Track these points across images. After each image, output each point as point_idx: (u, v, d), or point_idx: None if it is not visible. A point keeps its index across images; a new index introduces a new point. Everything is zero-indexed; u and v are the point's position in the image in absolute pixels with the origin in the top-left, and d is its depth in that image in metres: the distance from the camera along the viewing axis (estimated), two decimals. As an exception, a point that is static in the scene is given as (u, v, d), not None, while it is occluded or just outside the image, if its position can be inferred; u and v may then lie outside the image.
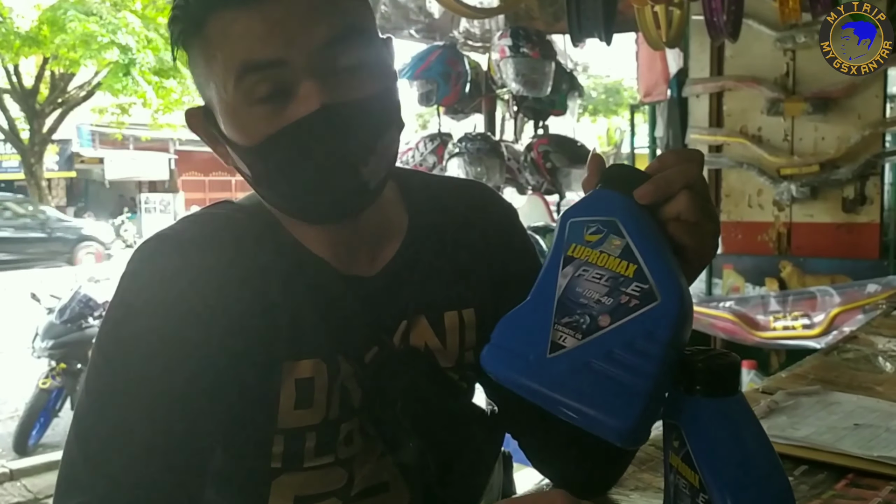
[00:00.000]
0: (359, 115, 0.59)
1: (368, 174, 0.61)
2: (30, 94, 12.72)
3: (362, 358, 0.68)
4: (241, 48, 0.57)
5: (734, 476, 0.45)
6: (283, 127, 0.58)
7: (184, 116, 0.67)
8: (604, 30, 2.63)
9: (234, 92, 0.58)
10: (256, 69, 0.57)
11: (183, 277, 0.62)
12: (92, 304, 3.93)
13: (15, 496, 3.50)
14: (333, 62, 0.59)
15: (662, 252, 0.48)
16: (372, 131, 0.61)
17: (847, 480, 0.78)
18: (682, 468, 0.48)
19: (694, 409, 0.47)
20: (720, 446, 0.46)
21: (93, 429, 0.60)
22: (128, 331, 0.61)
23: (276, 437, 0.66)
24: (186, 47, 0.62)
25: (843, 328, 2.36)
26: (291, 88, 0.58)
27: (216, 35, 0.58)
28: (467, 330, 0.73)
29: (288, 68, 0.57)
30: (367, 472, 0.70)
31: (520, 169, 2.94)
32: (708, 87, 3.06)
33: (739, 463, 0.46)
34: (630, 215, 0.49)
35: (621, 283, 0.46)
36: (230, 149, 0.63)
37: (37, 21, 10.56)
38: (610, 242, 0.48)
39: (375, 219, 0.69)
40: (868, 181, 2.78)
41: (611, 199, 0.50)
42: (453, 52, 2.88)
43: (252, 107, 0.58)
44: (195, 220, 0.68)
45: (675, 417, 0.48)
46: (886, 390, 1.09)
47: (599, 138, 19.13)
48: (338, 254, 0.69)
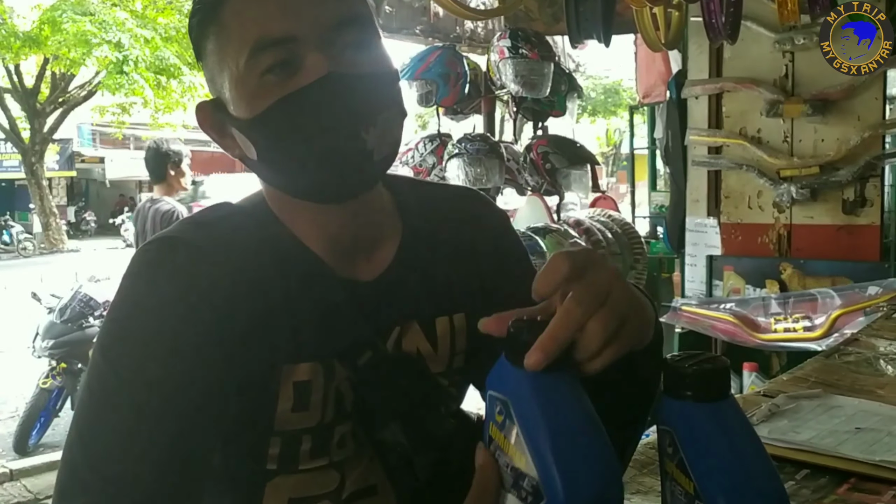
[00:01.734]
0: (362, 85, 0.62)
1: (372, 142, 0.63)
2: (31, 93, 12.74)
3: (356, 362, 0.68)
4: (255, 26, 0.61)
5: (729, 483, 0.45)
6: (291, 92, 0.61)
7: (194, 111, 0.69)
8: (602, 31, 2.63)
9: (245, 67, 0.62)
10: (269, 45, 0.61)
11: (185, 280, 0.62)
12: (92, 303, 3.93)
13: (15, 496, 3.50)
14: (340, 40, 0.62)
15: (557, 439, 0.42)
16: (375, 103, 0.63)
17: (849, 485, 0.78)
18: (677, 474, 0.47)
19: (685, 415, 0.47)
20: (713, 452, 0.46)
21: (93, 429, 0.60)
22: (129, 331, 0.62)
23: (273, 439, 0.67)
24: (203, 39, 0.65)
25: (845, 330, 2.36)
26: (300, 61, 0.61)
27: (231, 18, 0.62)
28: (458, 335, 0.74)
29: (298, 44, 0.61)
30: (358, 475, 0.71)
31: (519, 170, 2.94)
32: (707, 89, 3.06)
33: (733, 469, 0.45)
34: (520, 394, 0.44)
35: (519, 477, 0.44)
36: (237, 129, 0.65)
37: (37, 21, 10.57)
38: (509, 427, 0.45)
39: (372, 222, 0.71)
40: (868, 183, 2.78)
41: (505, 372, 0.46)
42: (453, 53, 2.88)
43: (262, 77, 0.61)
44: (196, 222, 0.69)
45: (668, 423, 0.48)
46: (888, 394, 1.08)
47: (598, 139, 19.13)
48: (336, 256, 0.69)
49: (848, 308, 2.48)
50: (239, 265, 0.64)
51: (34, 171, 13.24)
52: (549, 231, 2.66)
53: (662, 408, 0.49)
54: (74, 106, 13.18)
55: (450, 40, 3.14)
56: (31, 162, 13.12)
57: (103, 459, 0.58)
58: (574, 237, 2.72)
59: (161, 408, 0.59)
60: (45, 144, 13.37)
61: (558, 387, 0.44)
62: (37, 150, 13.08)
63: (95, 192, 20.23)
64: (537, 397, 0.44)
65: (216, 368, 0.62)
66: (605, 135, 19.57)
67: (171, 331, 0.61)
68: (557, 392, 0.44)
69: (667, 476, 0.49)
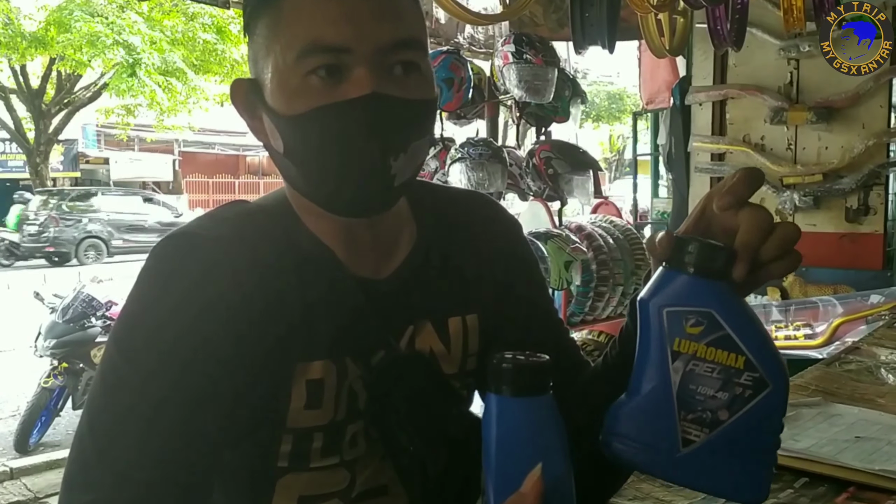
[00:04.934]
0: (403, 112, 0.62)
1: (396, 169, 0.63)
2: (36, 94, 12.77)
3: (369, 361, 0.68)
4: (311, 27, 0.60)
5: (772, 352, 0.50)
6: (332, 102, 0.60)
7: (230, 87, 0.69)
8: (607, 37, 2.64)
9: (294, 65, 0.61)
10: (322, 51, 0.60)
11: (201, 274, 0.62)
12: (95, 303, 3.94)
13: (15, 495, 3.50)
14: (392, 61, 0.62)
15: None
16: (410, 131, 0.63)
17: (848, 494, 0.78)
18: (713, 353, 0.50)
19: (725, 295, 0.50)
20: (754, 326, 0.50)
21: (104, 420, 0.60)
22: (144, 325, 0.62)
23: (285, 437, 0.67)
24: (255, 17, 0.64)
25: (846, 339, 2.35)
26: (347, 73, 0.61)
27: (290, 9, 0.61)
28: (470, 336, 0.75)
29: (350, 56, 0.60)
30: (369, 475, 0.71)
31: (522, 175, 2.93)
32: (711, 96, 3.06)
33: (766, 337, 0.51)
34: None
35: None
36: (270, 119, 0.64)
37: (43, 22, 10.61)
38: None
39: (390, 224, 0.71)
40: (872, 191, 2.78)
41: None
42: (457, 57, 2.88)
43: (306, 78, 0.61)
44: (215, 217, 0.69)
45: (706, 305, 0.50)
46: (888, 403, 1.08)
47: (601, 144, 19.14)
48: (353, 255, 0.69)
49: (849, 316, 2.47)
50: (255, 261, 0.64)
51: (39, 171, 13.27)
52: (550, 236, 2.66)
53: (680, 290, 0.51)
54: (80, 107, 13.21)
55: (450, 45, 3.15)
56: (36, 162, 13.15)
57: (113, 451, 0.58)
58: (576, 242, 2.72)
59: (173, 401, 0.59)
60: (49, 145, 13.39)
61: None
62: (41, 150, 13.11)
63: (99, 193, 20.29)
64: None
65: (230, 363, 0.62)
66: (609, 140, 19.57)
67: (186, 325, 0.61)
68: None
69: (678, 357, 0.51)
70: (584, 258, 2.72)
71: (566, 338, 0.83)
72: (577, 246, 2.71)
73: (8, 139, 14.87)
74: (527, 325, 0.77)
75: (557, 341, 0.79)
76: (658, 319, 0.51)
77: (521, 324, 0.77)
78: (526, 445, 0.46)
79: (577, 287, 2.73)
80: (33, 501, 3.45)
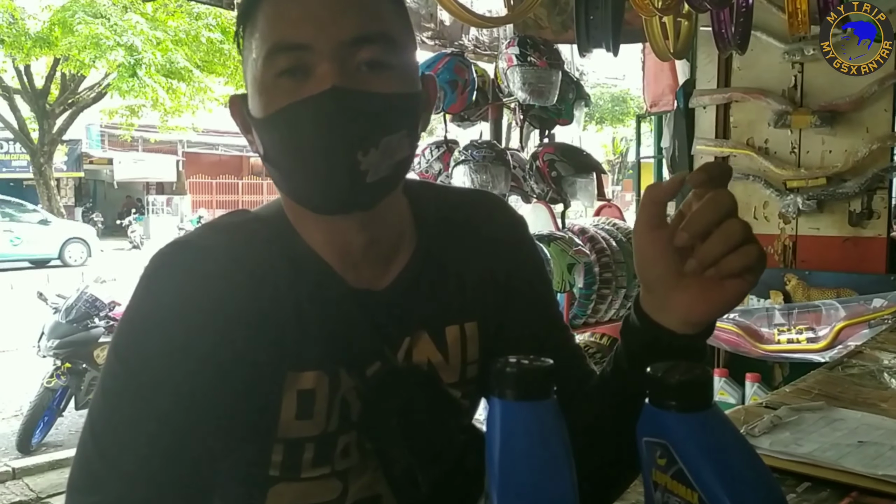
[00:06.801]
0: (366, 105, 0.61)
1: (367, 165, 0.61)
2: (40, 94, 12.81)
3: (364, 372, 0.68)
4: (275, 29, 0.62)
5: (736, 489, 0.46)
6: (293, 101, 0.61)
7: (228, 102, 0.71)
8: (611, 40, 2.64)
9: (263, 68, 0.63)
10: (285, 49, 0.62)
11: (199, 284, 0.63)
12: (98, 304, 3.95)
13: (17, 495, 3.51)
14: (354, 56, 0.62)
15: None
16: (377, 125, 0.62)
17: (850, 498, 0.78)
18: (674, 486, 0.48)
19: (678, 426, 0.47)
20: (713, 460, 0.46)
21: (106, 425, 0.61)
22: (143, 334, 0.62)
23: (276, 446, 0.67)
24: (240, 34, 0.67)
25: (848, 343, 2.35)
26: (312, 71, 0.61)
27: (261, 17, 0.64)
28: (469, 343, 0.74)
29: (312, 53, 0.61)
30: (362, 485, 0.71)
31: (525, 177, 2.93)
32: (715, 99, 3.06)
33: (739, 478, 0.46)
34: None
35: None
36: (252, 125, 0.66)
37: (48, 22, 10.63)
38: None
39: (387, 229, 0.70)
40: (875, 195, 2.77)
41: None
42: (461, 59, 2.88)
43: (276, 81, 0.62)
44: (213, 228, 0.69)
45: (661, 436, 0.48)
46: (891, 407, 1.08)
47: (605, 147, 19.13)
48: (347, 266, 0.69)
49: (852, 320, 2.47)
50: (252, 272, 0.65)
51: (42, 171, 13.30)
52: (553, 238, 2.66)
53: (649, 420, 0.49)
54: (84, 107, 13.24)
55: (455, 47, 3.15)
56: (40, 162, 13.19)
57: (115, 456, 0.60)
58: (578, 245, 2.72)
59: (171, 407, 0.60)
60: (53, 145, 13.43)
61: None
62: (45, 150, 13.15)
63: (103, 194, 20.32)
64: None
65: (225, 371, 0.62)
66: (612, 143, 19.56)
67: (183, 333, 0.61)
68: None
69: (657, 487, 0.49)
70: (586, 260, 2.72)
71: (571, 344, 0.81)
72: (580, 248, 2.71)
73: (12, 139, 14.92)
74: (530, 326, 0.76)
75: (560, 344, 0.78)
76: (640, 448, 0.50)
77: (524, 326, 0.76)
78: (529, 449, 0.46)
79: (580, 290, 2.73)
80: (35, 501, 3.46)
